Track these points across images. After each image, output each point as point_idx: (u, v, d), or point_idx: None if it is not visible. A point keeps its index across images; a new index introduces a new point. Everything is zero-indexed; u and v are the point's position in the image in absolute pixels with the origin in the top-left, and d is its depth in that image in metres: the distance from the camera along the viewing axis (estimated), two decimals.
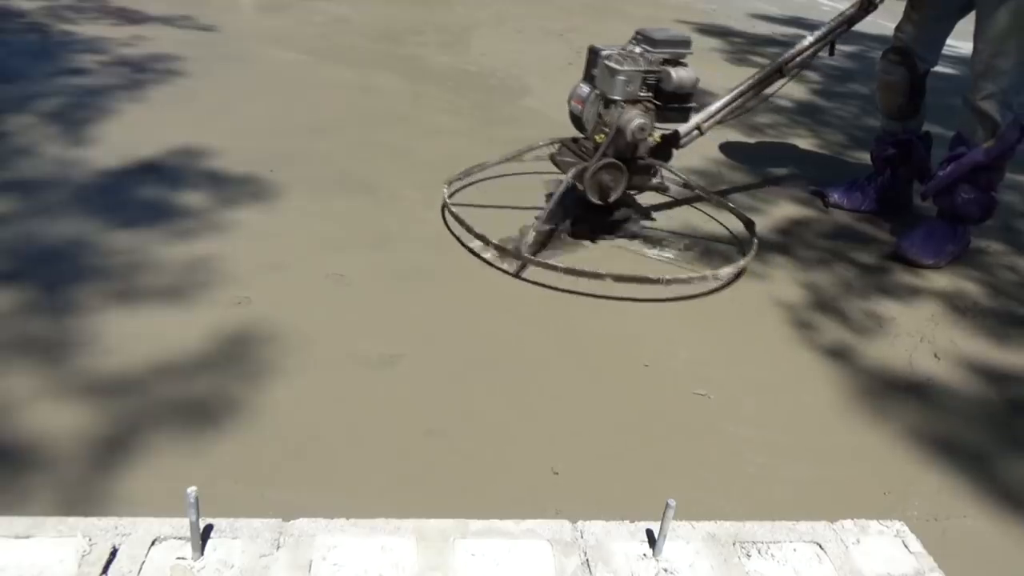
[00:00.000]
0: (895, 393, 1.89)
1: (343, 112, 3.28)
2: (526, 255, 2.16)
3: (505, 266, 2.21)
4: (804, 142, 3.65)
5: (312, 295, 1.98)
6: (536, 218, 2.29)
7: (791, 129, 3.80)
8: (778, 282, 2.33)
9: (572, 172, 2.27)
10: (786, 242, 2.59)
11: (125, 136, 2.77)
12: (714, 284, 2.23)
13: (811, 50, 2.59)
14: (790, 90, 4.48)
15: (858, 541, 1.33)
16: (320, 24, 4.73)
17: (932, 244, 2.55)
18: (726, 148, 3.38)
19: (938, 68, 2.81)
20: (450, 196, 2.43)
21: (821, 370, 1.94)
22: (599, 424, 1.65)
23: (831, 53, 2.66)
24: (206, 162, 2.64)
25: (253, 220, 2.30)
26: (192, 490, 1.12)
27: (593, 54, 2.35)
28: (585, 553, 1.23)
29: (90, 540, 1.14)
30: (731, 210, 2.63)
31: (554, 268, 2.12)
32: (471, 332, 1.91)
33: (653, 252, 2.41)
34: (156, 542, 1.16)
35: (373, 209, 2.47)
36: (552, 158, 2.44)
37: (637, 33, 2.35)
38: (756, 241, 2.41)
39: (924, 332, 2.16)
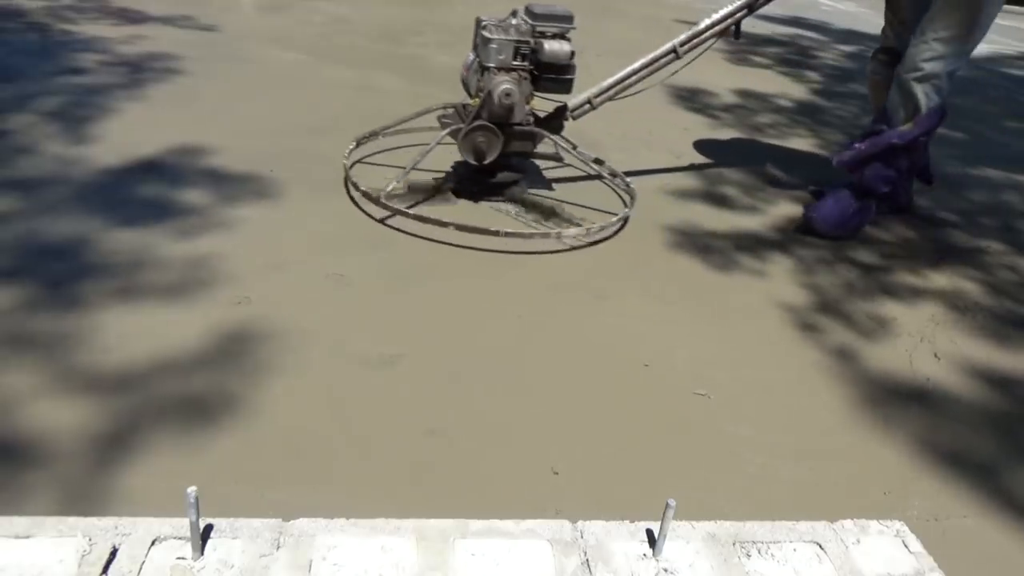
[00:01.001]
0: (895, 393, 1.89)
1: (343, 112, 3.28)
2: (384, 202, 2.34)
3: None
4: (804, 142, 3.65)
5: (312, 295, 1.98)
6: (403, 170, 2.44)
7: (791, 129, 3.80)
8: (778, 281, 2.33)
9: (448, 131, 2.42)
10: (786, 242, 2.60)
11: (125, 135, 2.77)
12: (556, 242, 2.35)
13: (706, 34, 2.66)
14: (790, 90, 4.50)
15: (858, 541, 1.33)
16: (320, 24, 4.74)
17: (837, 214, 2.59)
18: (726, 148, 3.38)
19: None
20: (351, 165, 2.59)
21: (821, 370, 1.94)
22: (599, 424, 1.65)
23: (736, 37, 2.73)
24: (206, 161, 2.64)
25: (253, 219, 2.30)
26: (192, 490, 1.12)
27: (476, 25, 2.47)
28: (585, 553, 1.23)
29: (90, 540, 1.14)
30: (620, 183, 2.76)
31: (405, 214, 2.32)
32: (471, 332, 1.91)
33: (514, 211, 2.54)
34: (156, 542, 1.16)
35: (373, 209, 2.47)
36: (439, 119, 2.57)
37: (525, 7, 2.46)
38: (629, 212, 2.54)
39: (924, 332, 2.16)
